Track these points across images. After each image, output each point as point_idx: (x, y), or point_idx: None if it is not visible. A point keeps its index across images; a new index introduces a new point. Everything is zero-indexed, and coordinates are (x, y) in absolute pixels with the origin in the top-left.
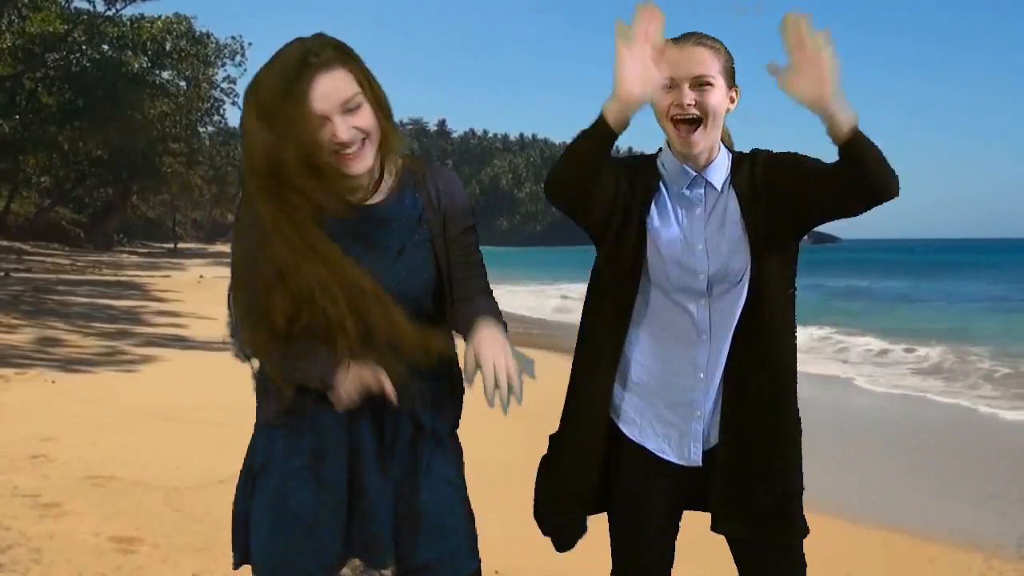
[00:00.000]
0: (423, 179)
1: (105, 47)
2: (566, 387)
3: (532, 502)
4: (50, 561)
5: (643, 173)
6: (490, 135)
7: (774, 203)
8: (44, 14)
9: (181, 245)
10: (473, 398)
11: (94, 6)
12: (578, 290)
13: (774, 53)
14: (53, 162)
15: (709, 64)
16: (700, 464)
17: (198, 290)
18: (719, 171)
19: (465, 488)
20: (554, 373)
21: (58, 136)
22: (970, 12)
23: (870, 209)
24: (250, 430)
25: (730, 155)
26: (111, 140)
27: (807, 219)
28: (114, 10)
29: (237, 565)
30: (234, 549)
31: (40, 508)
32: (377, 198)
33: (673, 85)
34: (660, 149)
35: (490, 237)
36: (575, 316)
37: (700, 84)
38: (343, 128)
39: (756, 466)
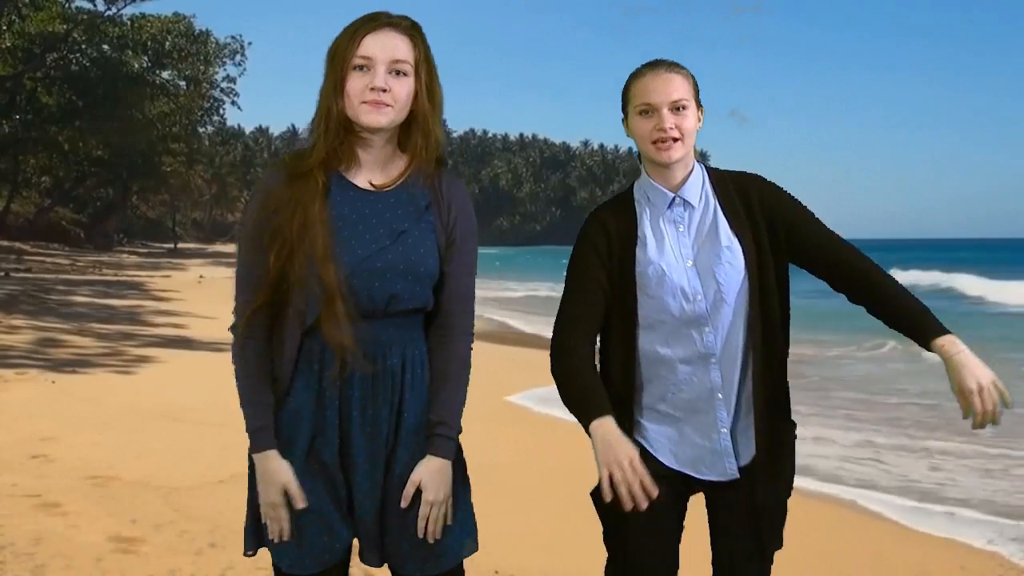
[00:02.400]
0: (437, 182)
1: (105, 47)
2: None
3: (530, 502)
4: (50, 561)
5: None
6: (490, 135)
7: (775, 232)
8: (44, 14)
9: (181, 245)
10: (471, 401)
11: (95, 6)
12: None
13: (773, 52)
14: (53, 162)
15: (683, 89)
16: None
17: (198, 290)
18: (693, 188)
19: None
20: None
21: (58, 136)
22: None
23: None
24: None
25: (704, 169)
26: (111, 140)
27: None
28: (114, 10)
29: (255, 550)
30: (251, 534)
31: (40, 508)
32: (390, 184)
33: (652, 111)
34: (634, 183)
35: (490, 237)
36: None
37: (677, 108)
38: (382, 76)
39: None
